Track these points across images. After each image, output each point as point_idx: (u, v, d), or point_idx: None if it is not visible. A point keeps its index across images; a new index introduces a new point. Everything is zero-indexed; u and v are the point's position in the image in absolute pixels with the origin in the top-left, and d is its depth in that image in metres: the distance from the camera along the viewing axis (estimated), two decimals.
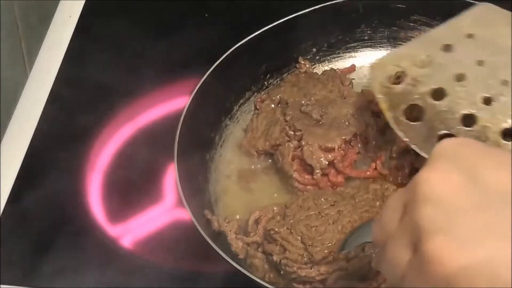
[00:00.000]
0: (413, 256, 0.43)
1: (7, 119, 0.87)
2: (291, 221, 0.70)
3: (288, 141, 0.79)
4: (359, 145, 0.78)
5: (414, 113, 0.73)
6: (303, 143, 0.78)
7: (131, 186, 0.80)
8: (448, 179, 0.43)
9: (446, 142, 0.45)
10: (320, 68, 0.88)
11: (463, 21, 0.75)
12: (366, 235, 0.56)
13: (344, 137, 0.77)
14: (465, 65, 0.72)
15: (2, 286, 0.73)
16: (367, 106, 0.82)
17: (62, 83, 0.90)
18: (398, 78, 0.73)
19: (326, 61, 0.88)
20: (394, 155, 0.77)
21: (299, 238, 0.69)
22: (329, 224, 0.69)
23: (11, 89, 0.88)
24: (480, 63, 0.73)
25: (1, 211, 0.78)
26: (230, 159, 0.81)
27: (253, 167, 0.80)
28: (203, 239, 0.68)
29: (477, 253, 0.40)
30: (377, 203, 0.71)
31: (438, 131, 0.70)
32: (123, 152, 0.83)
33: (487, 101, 0.71)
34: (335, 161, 0.76)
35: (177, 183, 0.72)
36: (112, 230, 0.77)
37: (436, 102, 0.71)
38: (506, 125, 0.70)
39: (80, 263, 0.74)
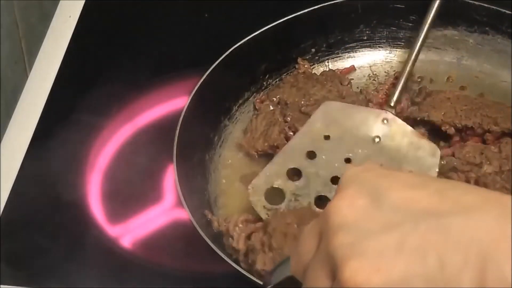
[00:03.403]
0: (332, 284, 0.43)
1: (7, 119, 0.87)
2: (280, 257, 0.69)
3: (286, 143, 0.78)
4: None
5: None
6: None
7: (131, 186, 0.79)
8: (354, 204, 0.44)
9: (350, 170, 0.47)
10: (319, 69, 0.88)
11: (315, 124, 0.77)
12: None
13: None
14: (335, 166, 0.75)
15: (2, 286, 0.72)
16: (367, 106, 0.82)
17: (62, 83, 0.89)
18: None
19: (325, 62, 0.88)
20: None
21: None
22: None
23: (11, 89, 0.88)
24: (348, 160, 0.75)
25: (1, 211, 0.78)
26: (229, 159, 0.80)
27: (252, 167, 0.79)
28: (203, 239, 0.68)
29: (391, 273, 0.40)
30: None
31: None
32: (123, 152, 0.82)
33: None
34: None
35: (176, 184, 0.72)
36: (112, 230, 0.76)
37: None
38: None
39: (80, 263, 0.73)
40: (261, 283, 0.65)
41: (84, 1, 0.99)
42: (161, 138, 0.81)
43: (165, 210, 0.77)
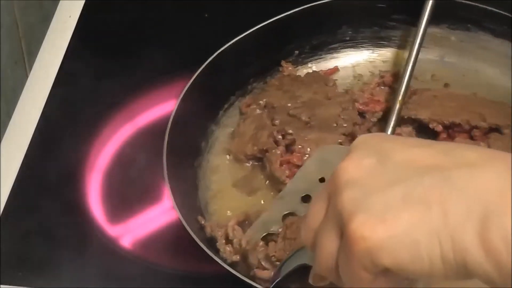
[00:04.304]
0: (340, 242, 0.43)
1: (7, 119, 0.84)
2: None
3: (276, 147, 0.76)
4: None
5: None
6: (298, 147, 0.75)
7: (131, 186, 0.77)
8: (362, 164, 0.44)
9: (360, 137, 0.47)
10: (302, 71, 0.85)
11: (310, 168, 0.73)
12: (302, 258, 0.54)
13: (339, 141, 0.76)
14: None
15: (2, 286, 0.70)
16: (353, 106, 0.79)
17: (62, 83, 0.87)
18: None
19: (309, 63, 0.86)
20: None
21: None
22: None
23: (11, 89, 0.88)
24: None
25: (1, 211, 0.76)
26: (218, 164, 0.78)
27: (242, 172, 0.77)
28: None
29: (396, 225, 0.40)
30: None
31: None
32: (123, 152, 0.80)
33: None
34: None
35: (168, 191, 0.70)
36: (112, 230, 0.74)
37: None
38: None
39: (80, 263, 0.71)
40: (257, 286, 0.65)
41: (84, 1, 0.96)
42: (161, 138, 0.77)
43: (165, 210, 0.74)
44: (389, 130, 0.75)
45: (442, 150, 0.43)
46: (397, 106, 0.76)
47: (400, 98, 0.77)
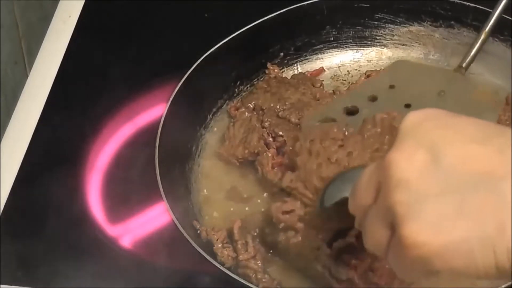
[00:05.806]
0: (392, 236, 0.43)
1: (7, 119, 0.80)
2: (303, 174, 0.65)
3: (267, 150, 0.73)
4: None
5: None
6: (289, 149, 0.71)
7: (131, 186, 0.73)
8: (413, 159, 0.42)
9: (410, 116, 0.44)
10: (288, 72, 0.82)
11: (384, 76, 0.74)
12: (345, 188, 0.54)
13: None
14: (392, 108, 0.69)
15: (2, 286, 0.67)
16: None
17: (62, 83, 0.83)
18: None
19: (294, 65, 0.83)
20: None
21: (313, 191, 0.63)
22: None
23: (11, 89, 0.88)
24: (407, 106, 0.72)
25: (1, 211, 0.72)
26: (209, 168, 0.75)
27: (233, 175, 0.74)
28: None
29: (451, 235, 0.40)
30: (386, 137, 0.66)
31: None
32: (123, 152, 0.76)
33: None
34: None
35: (162, 197, 0.67)
36: (112, 230, 0.70)
37: None
38: None
39: (80, 263, 0.68)
40: (253, 287, 0.63)
41: (84, 1, 0.91)
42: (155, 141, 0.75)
43: (165, 210, 0.71)
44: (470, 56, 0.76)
45: (498, 149, 0.41)
46: (482, 36, 0.76)
47: (487, 29, 0.76)
